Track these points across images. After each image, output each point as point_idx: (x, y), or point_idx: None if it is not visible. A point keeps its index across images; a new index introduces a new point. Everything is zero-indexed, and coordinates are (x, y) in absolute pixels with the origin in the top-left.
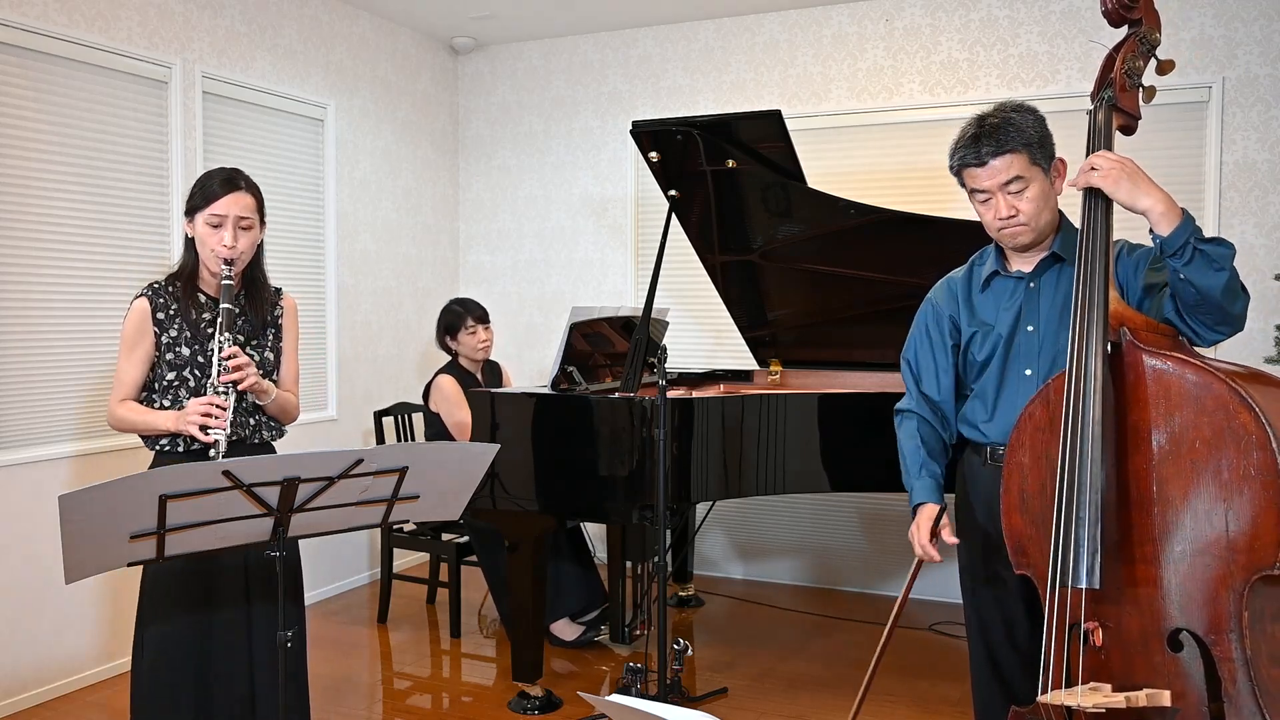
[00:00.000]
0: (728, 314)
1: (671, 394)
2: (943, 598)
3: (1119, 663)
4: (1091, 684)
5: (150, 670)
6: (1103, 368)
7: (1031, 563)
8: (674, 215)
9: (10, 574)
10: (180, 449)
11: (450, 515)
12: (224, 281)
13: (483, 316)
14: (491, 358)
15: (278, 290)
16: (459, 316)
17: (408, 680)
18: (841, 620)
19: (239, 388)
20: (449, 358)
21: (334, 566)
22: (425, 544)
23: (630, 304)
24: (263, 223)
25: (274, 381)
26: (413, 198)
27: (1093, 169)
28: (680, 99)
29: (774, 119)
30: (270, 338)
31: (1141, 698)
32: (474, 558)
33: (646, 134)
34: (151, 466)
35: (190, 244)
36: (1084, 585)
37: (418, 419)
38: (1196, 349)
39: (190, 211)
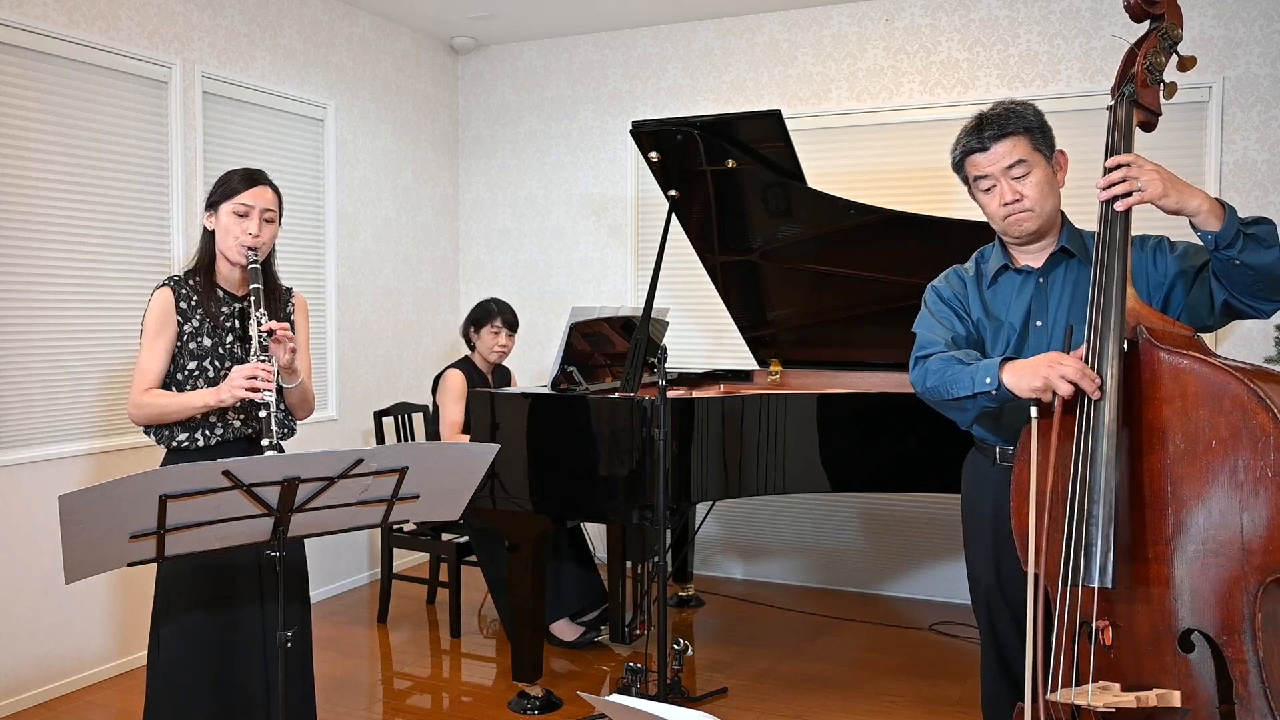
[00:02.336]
0: (728, 314)
1: (671, 394)
2: (943, 598)
3: (1128, 662)
4: (1100, 683)
5: (166, 667)
6: (1118, 366)
7: (1040, 561)
8: (674, 215)
9: (12, 573)
10: (200, 444)
11: (450, 515)
12: (251, 266)
13: (511, 322)
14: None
15: (289, 289)
16: (489, 313)
17: (408, 680)
18: (841, 620)
19: (288, 350)
20: (449, 358)
21: (334, 566)
22: (425, 544)
23: (630, 304)
24: (280, 221)
25: None
26: (412, 197)
27: (1126, 181)
28: (680, 99)
29: (774, 119)
30: None
31: (1152, 698)
32: (474, 558)
33: (646, 134)
34: (163, 462)
35: (209, 237)
36: (1096, 584)
37: (418, 419)
38: (1215, 353)
39: (213, 204)
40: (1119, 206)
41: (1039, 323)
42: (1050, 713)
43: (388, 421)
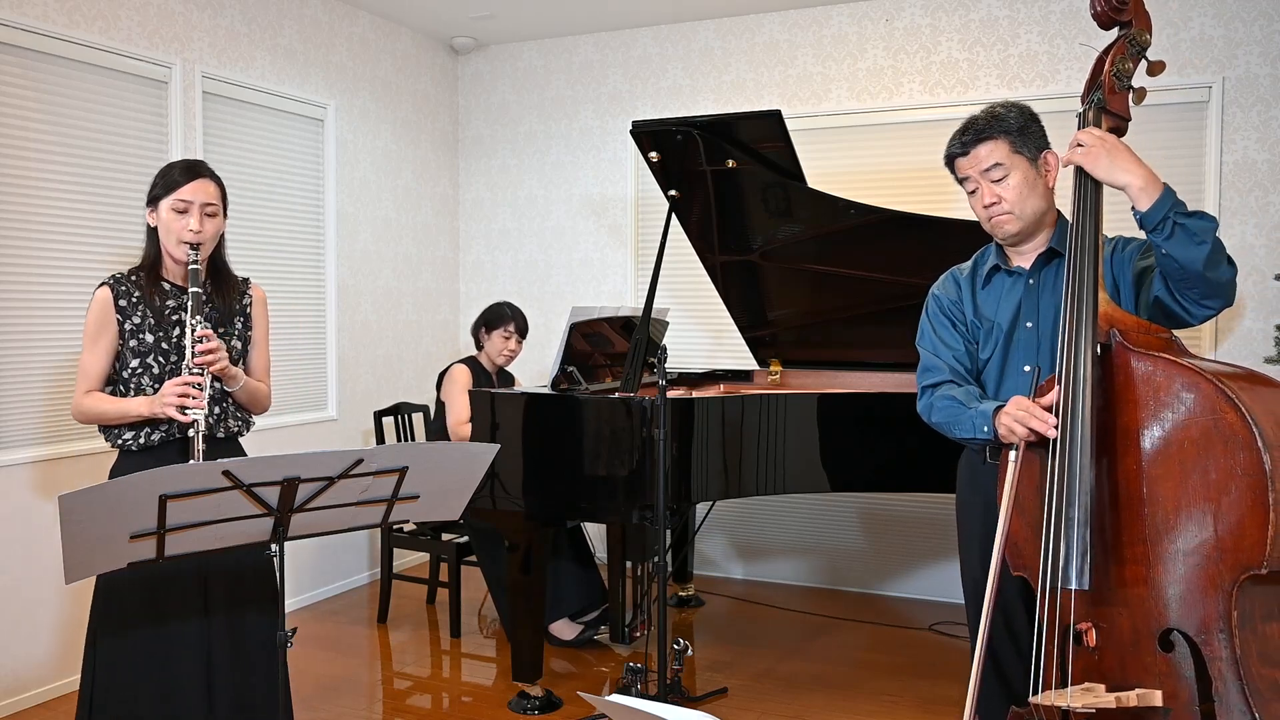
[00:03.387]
0: (728, 314)
1: (671, 394)
2: (943, 598)
3: (1112, 663)
4: (1085, 684)
5: (102, 690)
6: (1093, 370)
7: (1026, 564)
8: (674, 215)
9: (13, 573)
10: (142, 442)
11: (450, 515)
12: (191, 266)
13: (523, 329)
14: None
15: (245, 280)
16: (501, 317)
17: (408, 680)
18: (841, 620)
19: (210, 370)
20: (449, 358)
21: (334, 566)
22: (425, 544)
23: (630, 304)
24: (225, 213)
25: (243, 369)
26: (412, 197)
27: (1078, 145)
28: (680, 99)
29: (774, 119)
30: (239, 326)
31: (1132, 698)
32: (474, 558)
33: (646, 134)
34: (114, 464)
35: (153, 234)
36: (1074, 586)
37: (418, 419)
38: (1192, 353)
39: (153, 200)
40: (1064, 161)
41: (1029, 323)
42: (1038, 715)
43: (388, 421)
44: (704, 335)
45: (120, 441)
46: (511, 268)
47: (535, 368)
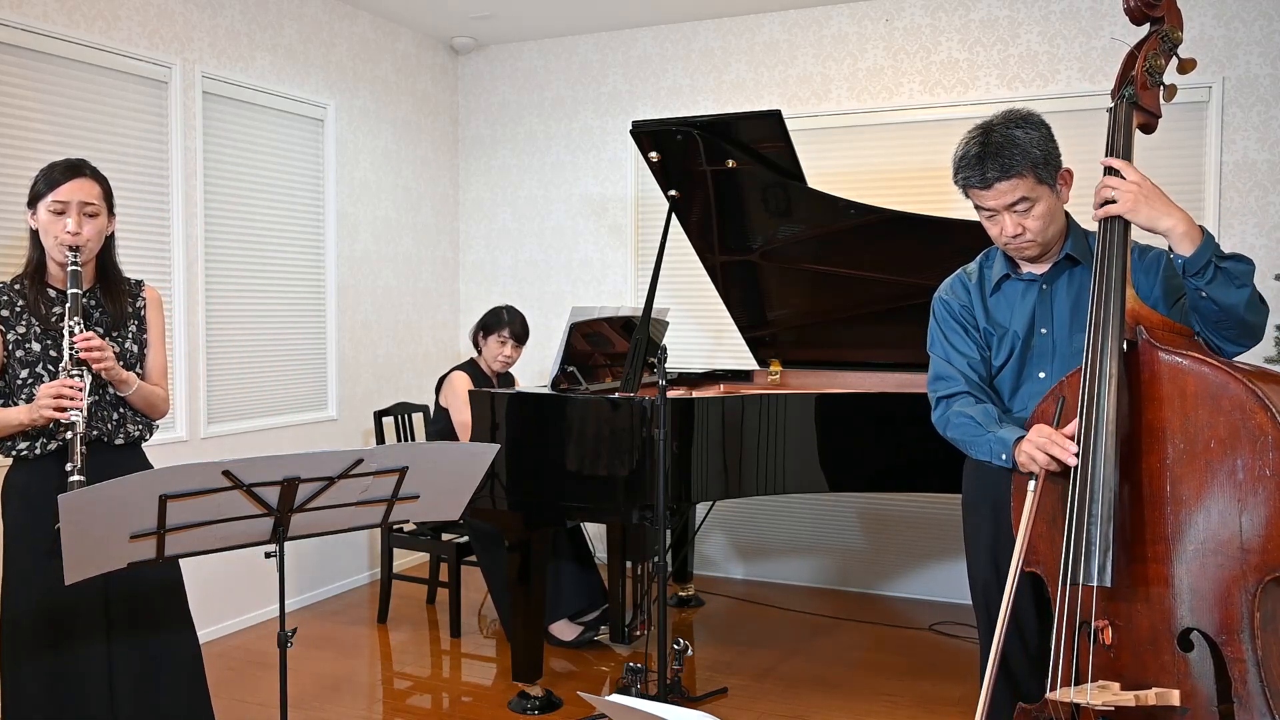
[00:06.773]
0: (728, 314)
1: (671, 394)
2: (943, 598)
3: (1128, 661)
4: (1100, 682)
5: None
6: (1118, 366)
7: (1040, 560)
8: (674, 215)
9: None
10: (38, 452)
11: (450, 515)
12: (71, 268)
13: (520, 335)
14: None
15: (138, 282)
16: (499, 322)
17: (408, 680)
18: (842, 620)
19: (95, 368)
20: (449, 360)
21: (334, 566)
22: (425, 544)
23: (630, 304)
24: (111, 213)
25: (139, 374)
26: (412, 197)
27: (1109, 199)
28: (680, 99)
29: (774, 119)
30: (132, 329)
31: (1151, 696)
32: (474, 558)
33: (646, 134)
34: (8, 474)
35: (35, 238)
36: (1095, 583)
37: (418, 419)
38: (1214, 353)
39: (32, 201)
40: (1094, 216)
41: (1043, 329)
42: (1050, 711)
43: (388, 421)
44: (704, 335)
45: (16, 451)
46: (511, 268)
47: (536, 368)
